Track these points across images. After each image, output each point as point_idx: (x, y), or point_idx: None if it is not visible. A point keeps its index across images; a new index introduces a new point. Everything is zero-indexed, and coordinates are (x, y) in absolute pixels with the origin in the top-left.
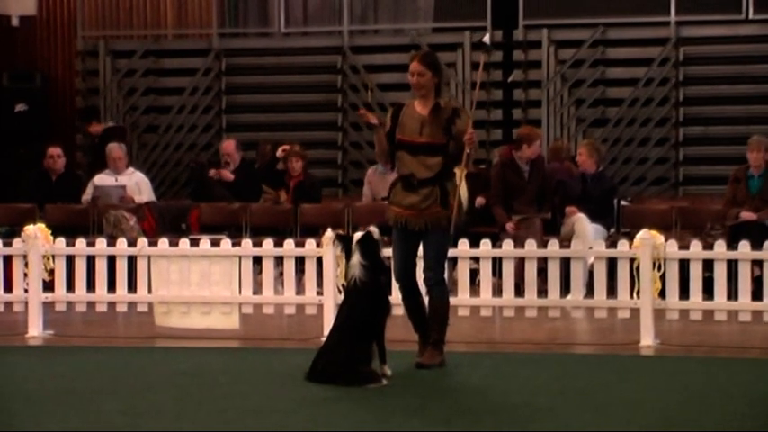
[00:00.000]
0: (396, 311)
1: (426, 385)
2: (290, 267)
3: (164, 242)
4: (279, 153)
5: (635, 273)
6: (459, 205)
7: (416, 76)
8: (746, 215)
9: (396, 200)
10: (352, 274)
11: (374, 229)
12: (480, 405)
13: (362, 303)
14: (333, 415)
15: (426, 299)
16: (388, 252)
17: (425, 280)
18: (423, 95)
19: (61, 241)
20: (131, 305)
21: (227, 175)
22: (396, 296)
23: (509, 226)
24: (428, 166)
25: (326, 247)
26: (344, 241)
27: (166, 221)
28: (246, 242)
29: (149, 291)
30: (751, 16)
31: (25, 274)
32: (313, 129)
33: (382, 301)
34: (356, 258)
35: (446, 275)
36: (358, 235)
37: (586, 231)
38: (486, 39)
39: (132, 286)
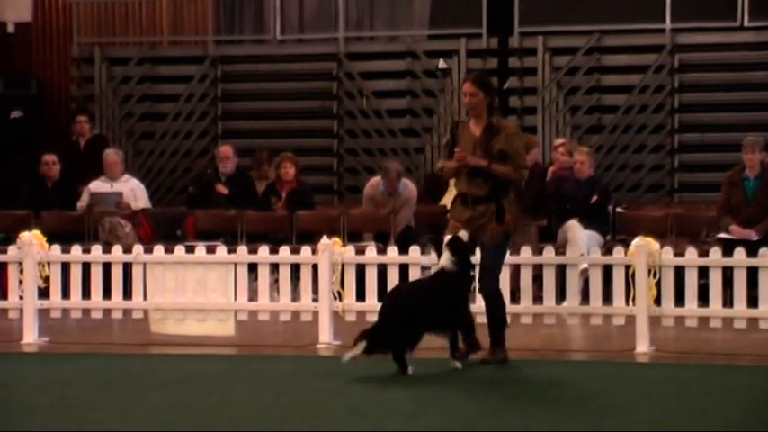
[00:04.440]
0: None
1: (421, 392)
2: (285, 274)
3: (159, 249)
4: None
5: (630, 280)
6: (515, 219)
7: (469, 97)
8: (737, 231)
9: (454, 215)
10: (442, 266)
11: (463, 233)
12: (475, 412)
13: (446, 287)
14: (329, 422)
15: (484, 307)
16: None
17: (480, 290)
18: (476, 115)
19: (56, 248)
20: (127, 312)
21: (223, 189)
22: None
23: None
24: (480, 185)
25: (322, 254)
26: (436, 243)
27: (162, 228)
28: (242, 249)
29: (145, 297)
30: (746, 24)
31: (20, 281)
32: (308, 136)
33: (464, 294)
34: (446, 256)
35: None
36: (447, 237)
37: (578, 239)
38: (442, 64)
39: (128, 293)
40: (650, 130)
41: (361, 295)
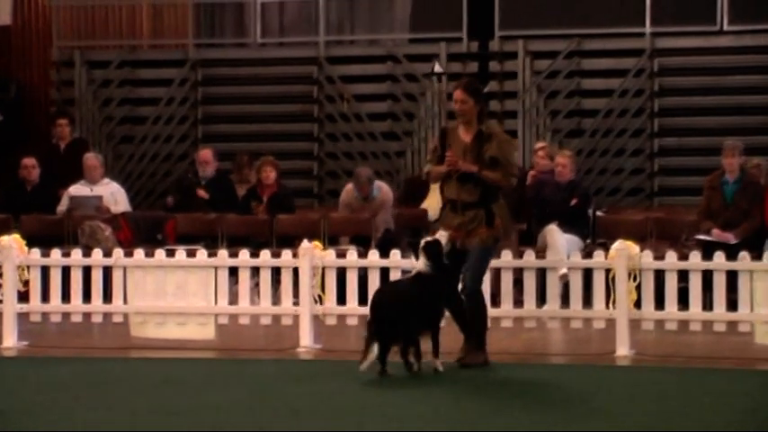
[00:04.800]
0: None
1: (403, 395)
2: (266, 278)
3: (139, 253)
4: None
5: (610, 283)
6: (505, 224)
7: (459, 104)
8: (719, 234)
9: (445, 222)
10: (418, 269)
11: (442, 234)
12: (457, 415)
13: (423, 290)
14: (310, 426)
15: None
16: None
17: (463, 289)
18: (466, 122)
19: (36, 252)
20: (107, 316)
21: (203, 194)
22: None
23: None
24: (470, 191)
25: (302, 258)
26: (414, 246)
27: (142, 232)
28: (222, 253)
29: (125, 301)
30: (726, 28)
31: None
32: (289, 139)
33: (441, 297)
34: (422, 260)
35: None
36: (423, 241)
37: (558, 243)
38: (437, 68)
39: (108, 297)
40: (630, 134)
41: (341, 299)
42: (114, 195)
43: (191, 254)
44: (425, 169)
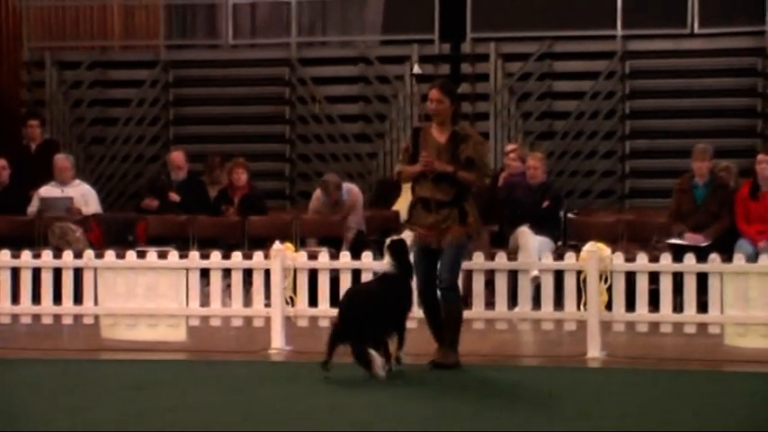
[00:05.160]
0: None
1: (373, 398)
2: (237, 279)
3: (110, 254)
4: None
5: (582, 285)
6: (476, 222)
7: (435, 104)
8: (691, 237)
9: (417, 221)
10: (384, 271)
11: (408, 233)
12: (427, 417)
13: (389, 290)
14: (281, 428)
15: (441, 306)
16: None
17: (439, 284)
18: (440, 122)
19: (6, 253)
20: (77, 318)
21: (175, 197)
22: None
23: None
24: (445, 191)
25: (274, 260)
26: (379, 246)
27: (113, 233)
28: (194, 254)
29: (96, 303)
30: (696, 31)
31: None
32: (261, 141)
33: (405, 296)
34: (386, 259)
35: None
36: (388, 240)
37: (529, 245)
38: (416, 69)
39: (78, 298)
40: (601, 137)
41: (313, 301)
42: (85, 197)
43: (162, 255)
44: (397, 169)
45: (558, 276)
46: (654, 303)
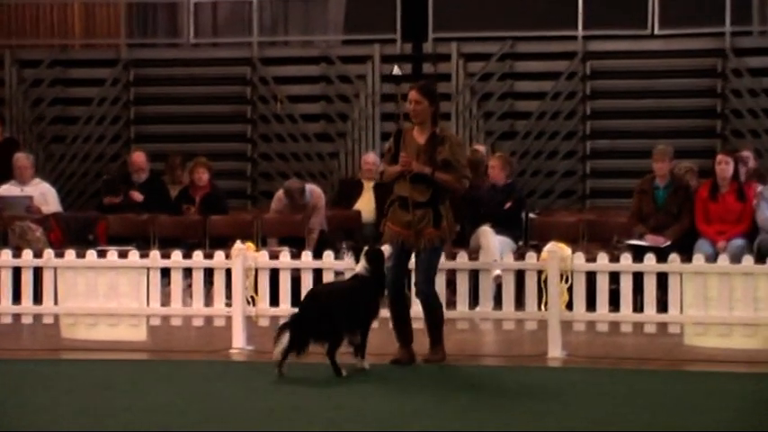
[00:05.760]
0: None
1: (337, 397)
2: (198, 279)
3: (71, 253)
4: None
5: (543, 285)
6: (451, 225)
7: (414, 105)
8: (652, 239)
9: (393, 219)
10: (357, 272)
11: (387, 248)
12: (389, 416)
13: (360, 289)
14: (243, 427)
15: (422, 309)
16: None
17: (418, 294)
18: (420, 123)
19: None
20: (37, 317)
21: (137, 196)
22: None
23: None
24: (422, 191)
25: (235, 259)
26: (356, 251)
27: (73, 232)
28: (155, 254)
29: (56, 302)
30: (656, 32)
31: None
32: (222, 140)
33: (375, 301)
34: (362, 263)
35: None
36: (366, 248)
37: (491, 244)
38: (396, 70)
39: (38, 298)
40: (562, 137)
41: (274, 300)
42: (45, 196)
43: (122, 255)
44: (379, 169)
45: (520, 276)
46: (614, 303)
